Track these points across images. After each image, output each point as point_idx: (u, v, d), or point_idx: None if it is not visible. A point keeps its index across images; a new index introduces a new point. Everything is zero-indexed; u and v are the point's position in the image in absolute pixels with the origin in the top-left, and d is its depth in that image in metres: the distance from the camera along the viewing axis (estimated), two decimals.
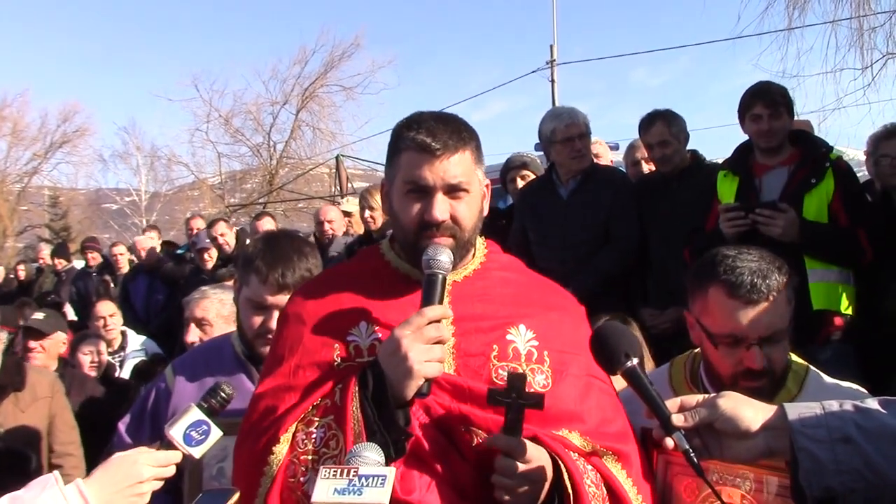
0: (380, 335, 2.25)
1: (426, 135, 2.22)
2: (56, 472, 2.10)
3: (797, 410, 1.96)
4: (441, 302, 2.16)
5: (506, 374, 2.17)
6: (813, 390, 2.52)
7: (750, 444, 2.00)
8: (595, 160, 6.96)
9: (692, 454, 2.01)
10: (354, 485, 1.82)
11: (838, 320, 4.61)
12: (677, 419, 2.03)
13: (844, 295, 4.63)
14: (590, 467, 2.16)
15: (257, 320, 3.08)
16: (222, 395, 2.12)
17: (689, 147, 5.84)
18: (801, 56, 13.59)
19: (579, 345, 2.35)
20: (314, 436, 2.12)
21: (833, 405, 1.97)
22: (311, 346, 2.28)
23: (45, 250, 14.73)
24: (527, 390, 2.09)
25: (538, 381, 2.22)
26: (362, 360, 2.21)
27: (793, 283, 2.49)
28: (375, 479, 1.84)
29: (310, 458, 2.10)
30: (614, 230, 5.64)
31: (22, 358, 5.53)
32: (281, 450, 2.13)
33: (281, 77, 39.86)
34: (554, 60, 25.75)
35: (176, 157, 41.92)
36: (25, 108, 43.67)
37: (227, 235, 9.13)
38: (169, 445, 2.12)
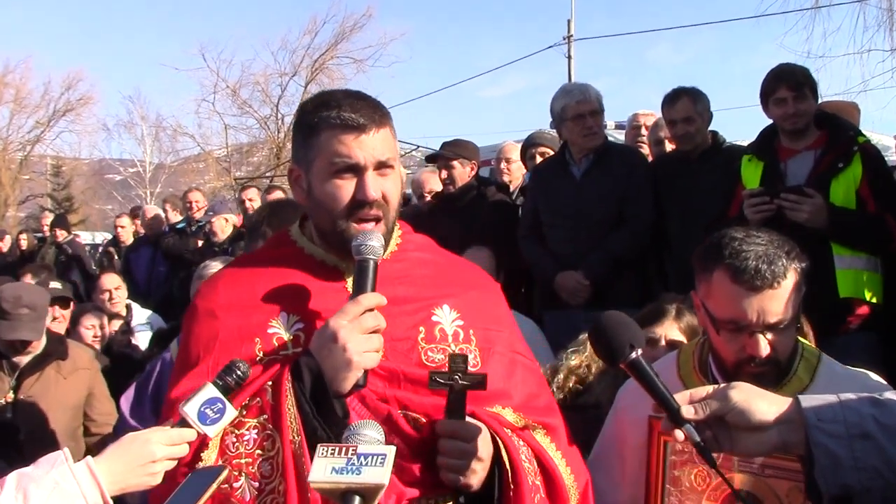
0: (302, 325, 2.21)
1: (350, 111, 2.17)
2: (66, 450, 2.06)
3: (813, 404, 1.93)
4: (374, 289, 2.13)
5: (437, 356, 2.19)
6: (825, 379, 2.49)
7: (762, 437, 1.96)
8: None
9: (704, 446, 1.99)
10: (353, 464, 1.79)
11: (864, 308, 4.58)
12: (687, 411, 1.99)
13: (871, 283, 4.60)
14: (522, 443, 2.18)
15: None
16: (238, 372, 2.07)
17: (710, 128, 5.80)
18: (828, 36, 13.54)
19: (501, 321, 2.41)
20: (246, 438, 2.07)
21: (851, 399, 1.94)
22: (229, 341, 2.20)
23: (49, 218, 14.75)
24: (468, 371, 2.10)
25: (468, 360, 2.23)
26: (287, 353, 2.17)
27: (805, 269, 2.43)
28: (375, 457, 1.80)
29: (243, 461, 2.04)
30: (627, 211, 5.61)
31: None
32: (210, 455, 2.07)
33: (290, 48, 39.85)
34: (571, 36, 25.67)
35: (182, 127, 42.06)
36: (28, 75, 43.76)
37: (255, 202, 9.22)
38: (183, 423, 2.06)
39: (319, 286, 2.28)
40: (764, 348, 2.37)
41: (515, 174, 7.57)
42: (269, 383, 2.11)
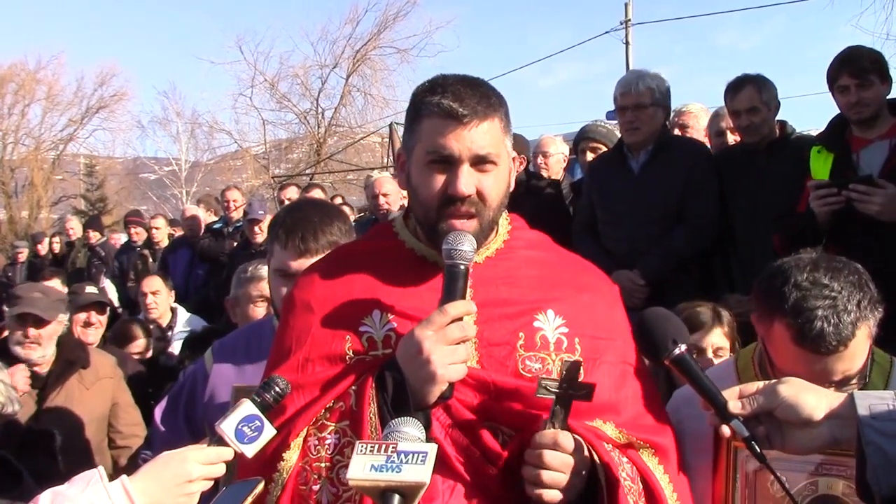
0: (394, 325, 2.24)
1: (452, 99, 2.17)
2: (101, 468, 2.13)
3: (867, 401, 1.97)
4: (464, 296, 2.12)
5: (534, 364, 2.19)
6: None
7: (813, 433, 2.02)
8: (687, 132, 6.86)
9: (754, 442, 2.05)
10: (393, 461, 1.81)
11: None
12: (734, 406, 2.07)
13: None
14: (625, 460, 2.17)
15: (284, 290, 3.06)
16: (277, 389, 2.09)
17: (780, 117, 5.74)
18: None
19: (614, 329, 2.36)
20: (327, 442, 2.12)
21: None
22: (321, 337, 2.27)
23: (72, 222, 15.08)
24: (579, 380, 2.08)
25: None
26: (376, 354, 2.21)
27: (880, 317, 2.40)
28: (416, 455, 1.82)
29: (323, 465, 2.10)
30: (689, 207, 5.57)
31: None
32: (291, 456, 2.13)
33: (331, 38, 40.12)
34: (629, 20, 25.49)
35: (218, 124, 42.66)
36: (61, 71, 44.92)
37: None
38: (220, 442, 2.10)
39: (416, 284, 2.31)
40: None
41: (554, 168, 7.55)
42: (354, 388, 2.15)
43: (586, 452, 2.12)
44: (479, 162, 2.21)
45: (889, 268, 2.52)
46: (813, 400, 2.02)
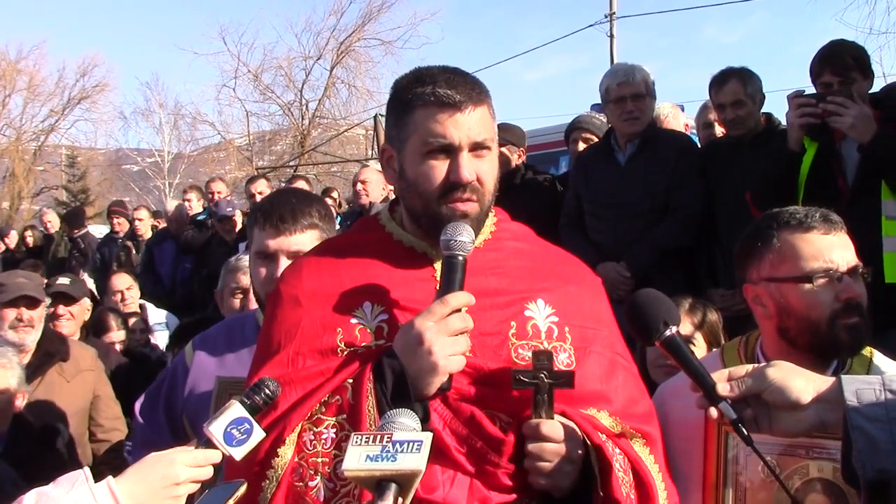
0: (386, 316, 2.23)
1: (446, 87, 2.17)
2: (86, 469, 2.11)
3: (854, 386, 1.99)
4: (462, 287, 2.12)
5: (527, 353, 2.17)
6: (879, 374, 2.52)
7: (800, 416, 2.05)
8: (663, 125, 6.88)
9: (741, 425, 2.07)
10: (388, 451, 1.81)
11: None
12: (722, 388, 2.09)
13: None
14: (618, 451, 2.17)
15: (263, 271, 3.08)
16: (267, 391, 2.08)
17: (766, 110, 5.77)
18: (892, 11, 13.30)
19: (600, 319, 2.39)
20: (324, 436, 2.09)
21: (895, 383, 1.98)
22: (311, 330, 2.24)
23: (49, 215, 15.05)
24: (554, 368, 2.10)
25: (561, 359, 2.22)
26: (368, 345, 2.20)
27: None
28: (411, 444, 1.82)
29: (319, 461, 2.07)
30: (675, 200, 5.59)
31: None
32: (286, 452, 2.10)
33: (315, 29, 39.91)
34: (613, 13, 25.41)
35: (201, 115, 42.39)
36: (42, 61, 44.45)
37: (264, 194, 8.98)
38: (208, 444, 2.09)
39: (406, 274, 2.30)
40: (858, 286, 2.46)
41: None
42: (350, 380, 2.13)
43: (581, 439, 2.12)
44: (476, 148, 2.22)
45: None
46: (801, 383, 2.05)
